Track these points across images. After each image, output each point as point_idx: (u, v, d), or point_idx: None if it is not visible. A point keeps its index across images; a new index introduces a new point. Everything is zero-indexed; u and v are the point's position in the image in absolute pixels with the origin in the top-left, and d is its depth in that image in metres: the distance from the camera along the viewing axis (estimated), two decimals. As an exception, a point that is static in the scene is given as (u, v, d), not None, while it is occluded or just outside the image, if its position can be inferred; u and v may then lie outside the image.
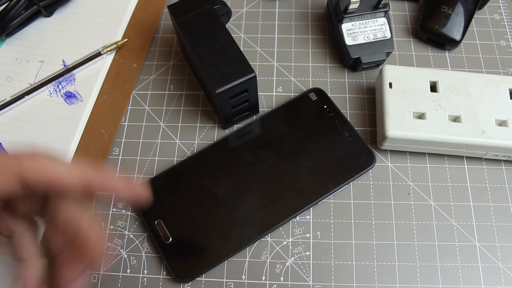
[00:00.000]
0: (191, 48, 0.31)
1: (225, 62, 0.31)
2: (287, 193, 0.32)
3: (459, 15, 0.37)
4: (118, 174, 0.34)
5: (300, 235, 0.32)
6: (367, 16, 0.35)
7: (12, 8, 0.37)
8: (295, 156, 0.33)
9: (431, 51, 0.38)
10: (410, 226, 0.32)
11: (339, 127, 0.34)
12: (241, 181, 0.33)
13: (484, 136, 0.31)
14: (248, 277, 0.31)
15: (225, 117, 0.34)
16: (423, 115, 0.32)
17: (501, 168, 0.34)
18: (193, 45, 0.31)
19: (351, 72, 0.38)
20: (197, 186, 0.33)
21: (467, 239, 0.32)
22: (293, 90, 0.37)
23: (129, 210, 0.33)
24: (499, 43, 0.39)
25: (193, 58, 0.32)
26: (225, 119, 0.34)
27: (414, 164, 0.34)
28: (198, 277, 0.31)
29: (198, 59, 0.31)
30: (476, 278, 0.30)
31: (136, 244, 0.32)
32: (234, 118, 0.35)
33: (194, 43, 0.31)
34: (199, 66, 0.31)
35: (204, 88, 0.36)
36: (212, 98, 0.33)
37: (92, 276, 0.31)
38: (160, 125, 0.36)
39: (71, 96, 0.36)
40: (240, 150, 0.34)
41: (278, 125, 0.35)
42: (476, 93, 0.32)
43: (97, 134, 0.35)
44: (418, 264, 0.31)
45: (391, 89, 0.33)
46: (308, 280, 0.31)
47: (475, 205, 0.33)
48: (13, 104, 0.36)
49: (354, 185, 0.33)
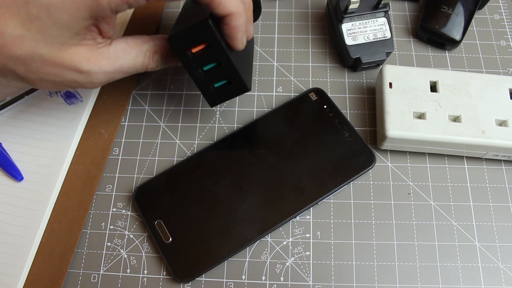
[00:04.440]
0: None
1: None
2: (287, 193, 0.32)
3: (459, 15, 0.37)
4: (118, 175, 0.34)
5: (300, 235, 0.32)
6: (367, 16, 0.35)
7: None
8: (295, 156, 0.33)
9: (431, 51, 0.38)
10: (410, 226, 0.32)
11: (339, 127, 0.34)
12: (241, 181, 0.33)
13: (484, 136, 0.31)
14: (248, 277, 0.31)
15: (201, 87, 0.30)
16: (423, 115, 0.32)
17: (501, 168, 0.34)
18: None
19: (351, 72, 0.38)
20: (197, 186, 0.33)
21: (467, 239, 0.32)
22: (293, 90, 0.37)
23: (129, 210, 0.33)
24: (499, 43, 0.39)
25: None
26: (203, 90, 0.30)
27: (414, 164, 0.34)
28: (198, 277, 0.31)
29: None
30: (476, 278, 0.30)
31: (136, 244, 0.32)
32: (214, 89, 0.30)
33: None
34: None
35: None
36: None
37: (92, 276, 0.31)
38: (160, 125, 0.36)
39: (71, 96, 0.36)
40: (240, 150, 0.34)
41: (278, 125, 0.35)
42: (476, 93, 0.32)
43: (97, 134, 0.35)
44: (418, 264, 0.31)
45: (391, 89, 0.33)
46: (308, 280, 0.31)
47: (475, 205, 0.33)
48: (13, 104, 0.36)
49: (354, 185, 0.33)
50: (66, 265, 0.31)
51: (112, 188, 0.34)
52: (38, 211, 0.32)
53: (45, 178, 0.33)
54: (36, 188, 0.33)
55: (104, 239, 0.32)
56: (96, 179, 0.34)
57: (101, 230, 0.33)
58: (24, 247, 0.31)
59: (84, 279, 0.31)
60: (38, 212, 0.32)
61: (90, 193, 0.33)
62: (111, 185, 0.34)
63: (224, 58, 0.28)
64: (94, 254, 0.32)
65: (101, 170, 0.34)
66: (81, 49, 0.26)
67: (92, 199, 0.33)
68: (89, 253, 0.32)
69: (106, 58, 0.27)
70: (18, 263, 0.31)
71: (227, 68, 0.29)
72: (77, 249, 0.32)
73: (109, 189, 0.34)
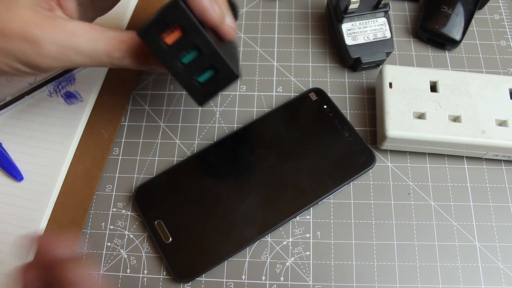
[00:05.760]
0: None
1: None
2: (287, 193, 0.32)
3: (459, 15, 0.37)
4: (118, 175, 0.34)
5: (300, 235, 0.32)
6: (367, 16, 0.35)
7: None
8: (295, 156, 0.33)
9: (431, 51, 0.38)
10: (410, 226, 0.32)
11: (339, 127, 0.34)
12: (241, 181, 0.33)
13: (484, 136, 0.31)
14: (248, 277, 0.31)
15: (185, 84, 0.27)
16: (423, 115, 0.32)
17: (501, 168, 0.34)
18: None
19: (351, 72, 0.38)
20: (197, 186, 0.33)
21: (467, 239, 0.32)
22: (293, 90, 0.37)
23: (129, 210, 0.33)
24: (499, 43, 0.39)
25: None
26: (188, 88, 0.27)
27: (414, 164, 0.34)
28: (198, 277, 0.31)
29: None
30: (476, 278, 0.30)
31: (136, 244, 0.32)
32: (200, 84, 0.27)
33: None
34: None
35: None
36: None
37: (92, 276, 0.31)
38: (160, 125, 0.36)
39: (71, 96, 0.36)
40: (240, 150, 0.34)
41: (278, 125, 0.35)
42: (476, 93, 0.32)
43: (97, 134, 0.35)
44: (418, 264, 0.31)
45: (391, 89, 0.33)
46: (308, 280, 0.31)
47: (475, 205, 0.33)
48: (13, 104, 0.36)
49: (354, 185, 0.33)
50: (66, 265, 0.31)
51: (112, 188, 0.34)
52: (38, 211, 0.32)
53: (45, 178, 0.33)
54: (36, 188, 0.33)
55: (104, 239, 0.32)
56: (96, 179, 0.34)
57: (101, 230, 0.33)
58: (24, 247, 0.31)
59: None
60: (38, 212, 0.32)
61: (90, 193, 0.33)
62: (111, 185, 0.34)
63: (203, 42, 0.25)
64: (94, 254, 0.32)
65: (101, 170, 0.34)
66: (34, 14, 0.23)
67: (92, 199, 0.33)
68: (89, 253, 0.32)
69: (61, 30, 0.24)
70: (19, 263, 0.31)
71: (209, 54, 0.25)
72: (77, 249, 0.32)
73: (109, 189, 0.34)
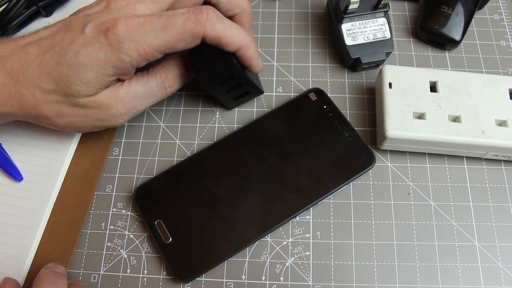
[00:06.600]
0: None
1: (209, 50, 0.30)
2: (287, 193, 0.32)
3: (459, 15, 0.37)
4: (118, 175, 0.34)
5: (300, 235, 0.32)
6: (367, 16, 0.35)
7: (11, 9, 0.37)
8: (295, 156, 0.33)
9: (431, 51, 0.38)
10: (410, 226, 0.32)
11: (339, 127, 0.34)
12: (241, 181, 0.33)
13: (484, 136, 0.31)
14: (248, 277, 0.31)
15: (222, 99, 0.35)
16: (423, 115, 0.32)
17: (501, 168, 0.34)
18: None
19: (351, 72, 0.38)
20: (197, 186, 0.33)
21: (467, 239, 0.32)
22: (293, 90, 0.37)
23: (129, 210, 0.33)
24: (499, 43, 0.39)
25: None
26: (225, 102, 0.35)
27: (414, 164, 0.34)
28: (198, 277, 0.31)
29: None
30: (476, 278, 0.30)
31: (136, 244, 0.32)
32: (233, 99, 0.35)
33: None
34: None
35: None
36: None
37: (92, 276, 0.31)
38: (160, 125, 0.36)
39: (71, 96, 0.36)
40: (240, 150, 0.34)
41: (278, 125, 0.35)
42: (476, 93, 0.32)
43: (97, 134, 0.35)
44: (418, 264, 0.31)
45: (391, 89, 0.33)
46: (308, 280, 0.31)
47: (475, 205, 0.33)
48: (13, 104, 0.36)
49: (354, 185, 0.33)
50: (66, 265, 0.31)
51: (112, 188, 0.34)
52: (38, 212, 0.32)
53: (45, 178, 0.33)
54: (35, 188, 0.33)
55: (104, 239, 0.32)
56: (96, 179, 0.34)
57: (101, 230, 0.33)
58: (23, 248, 0.31)
59: (84, 279, 0.31)
60: (37, 212, 0.32)
61: (90, 193, 0.33)
62: (111, 185, 0.34)
63: (245, 81, 0.32)
64: (94, 254, 0.32)
65: (101, 170, 0.34)
66: (103, 92, 0.29)
67: (92, 199, 0.33)
68: (89, 253, 0.32)
69: (121, 89, 0.30)
70: (18, 263, 0.31)
71: (247, 85, 0.33)
72: (77, 249, 0.32)
73: (109, 189, 0.34)
